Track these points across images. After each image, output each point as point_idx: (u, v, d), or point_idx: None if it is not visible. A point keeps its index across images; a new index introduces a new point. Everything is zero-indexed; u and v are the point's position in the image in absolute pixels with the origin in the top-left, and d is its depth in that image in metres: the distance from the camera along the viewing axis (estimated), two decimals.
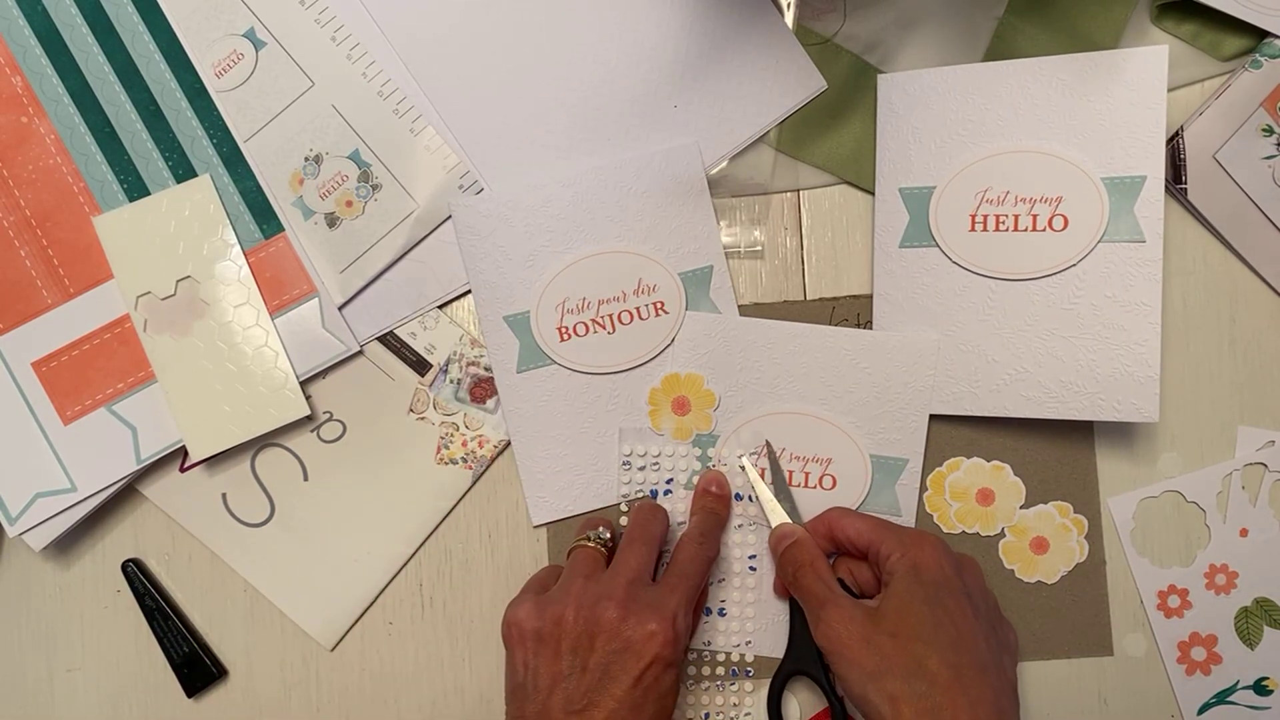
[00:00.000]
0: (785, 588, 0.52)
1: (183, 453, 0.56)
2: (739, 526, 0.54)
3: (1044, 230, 0.52)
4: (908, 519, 0.54)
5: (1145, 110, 0.51)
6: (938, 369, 0.54)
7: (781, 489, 0.53)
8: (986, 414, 0.53)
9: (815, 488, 0.54)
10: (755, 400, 0.54)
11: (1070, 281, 0.52)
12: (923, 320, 0.54)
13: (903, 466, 0.54)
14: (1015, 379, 0.52)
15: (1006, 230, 0.52)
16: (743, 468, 0.54)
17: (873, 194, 0.56)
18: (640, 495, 0.55)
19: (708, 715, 0.55)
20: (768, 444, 0.54)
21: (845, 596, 0.47)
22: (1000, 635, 0.48)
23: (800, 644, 0.51)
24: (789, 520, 0.52)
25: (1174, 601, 0.54)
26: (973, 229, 0.53)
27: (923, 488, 0.55)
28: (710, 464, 0.55)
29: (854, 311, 0.56)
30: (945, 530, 0.55)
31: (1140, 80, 0.51)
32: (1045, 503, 0.55)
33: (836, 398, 0.54)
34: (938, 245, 0.53)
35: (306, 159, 0.56)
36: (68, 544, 0.57)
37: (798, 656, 0.51)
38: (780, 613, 0.54)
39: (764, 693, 0.54)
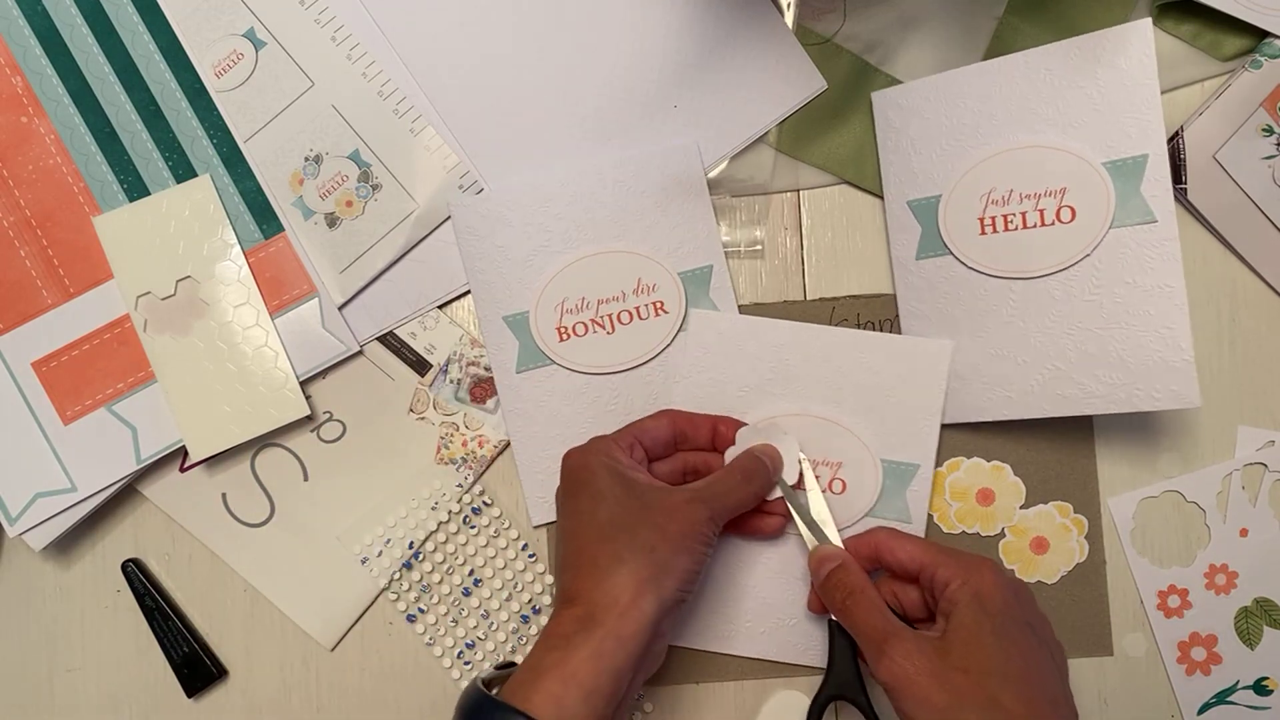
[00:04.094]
0: (822, 606, 0.50)
1: (183, 453, 0.56)
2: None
3: (1052, 224, 0.51)
4: (918, 526, 0.54)
5: (1136, 88, 0.49)
6: (973, 377, 0.53)
7: (799, 508, 0.52)
8: (1025, 416, 0.52)
9: (825, 492, 0.53)
10: (765, 401, 0.54)
11: (1087, 272, 0.51)
12: (950, 329, 0.53)
13: (914, 472, 0.54)
14: (1049, 378, 0.51)
15: (1015, 229, 0.52)
16: (800, 461, 0.52)
17: (873, 194, 0.56)
18: None
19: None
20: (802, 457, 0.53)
21: (906, 628, 0.45)
22: (1058, 661, 0.47)
23: (842, 668, 0.49)
24: (831, 539, 0.50)
25: (1174, 601, 0.54)
26: (983, 232, 0.52)
27: None
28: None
29: (854, 311, 0.56)
30: (945, 530, 0.55)
31: (1127, 59, 0.49)
32: (1045, 503, 0.55)
33: (848, 400, 0.54)
34: (952, 253, 0.53)
35: (306, 159, 0.56)
36: (68, 544, 0.57)
37: (840, 681, 0.49)
38: (794, 619, 0.54)
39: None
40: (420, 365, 0.57)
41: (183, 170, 0.55)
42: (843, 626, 0.48)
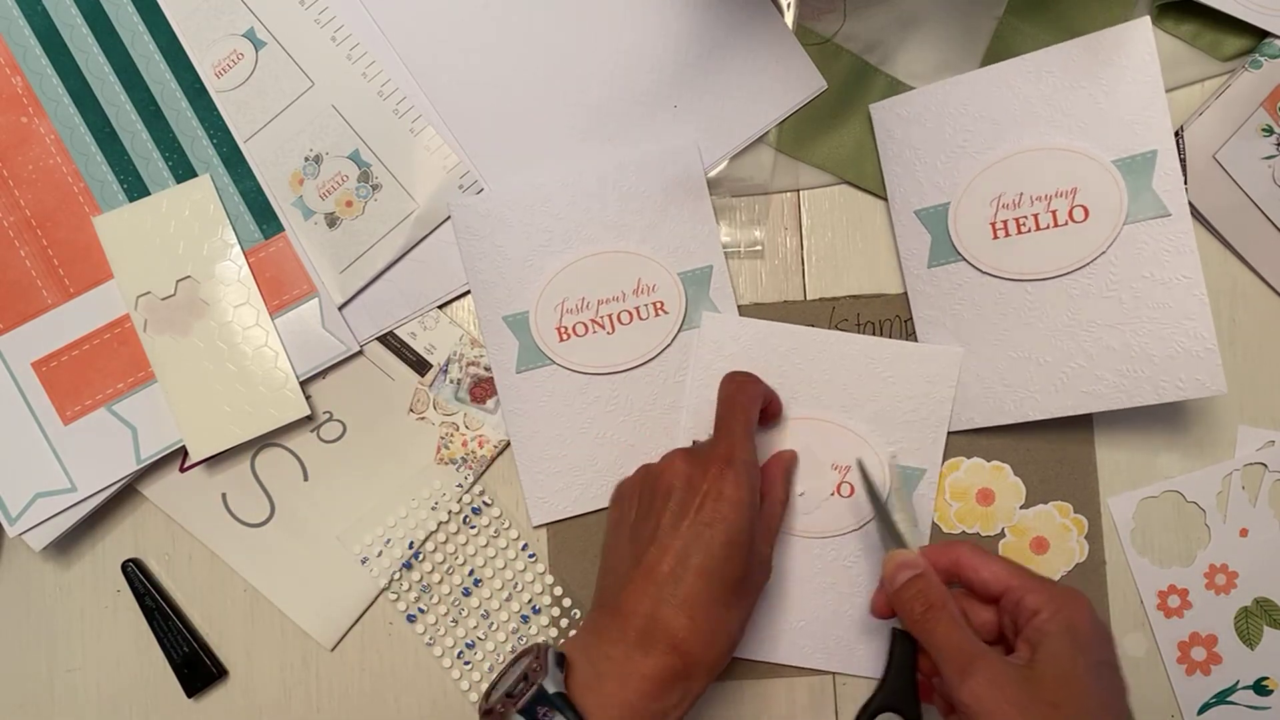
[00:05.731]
0: (887, 611, 0.48)
1: (183, 453, 0.56)
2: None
3: (1065, 224, 0.51)
4: (924, 529, 0.54)
5: (1139, 85, 0.50)
6: (995, 380, 0.53)
7: (879, 509, 0.51)
8: (1051, 416, 0.52)
9: (834, 495, 0.54)
10: None
11: (1104, 270, 0.51)
12: (968, 335, 0.53)
13: (920, 476, 0.54)
14: (1072, 376, 0.51)
15: (1029, 231, 0.52)
16: (862, 470, 0.52)
17: (873, 194, 0.56)
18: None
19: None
20: (860, 463, 0.53)
21: (993, 651, 0.43)
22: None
23: (897, 679, 0.47)
24: (909, 545, 0.49)
25: (1174, 601, 0.54)
26: (995, 236, 0.52)
27: None
28: None
29: (854, 312, 0.56)
30: (945, 530, 0.55)
31: (1127, 57, 0.50)
32: (1045, 503, 0.55)
33: (858, 405, 0.54)
34: (964, 259, 0.53)
35: (306, 159, 0.56)
36: (68, 544, 0.57)
37: (894, 691, 0.47)
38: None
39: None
40: (420, 365, 0.57)
41: (183, 170, 0.55)
42: (909, 636, 0.47)
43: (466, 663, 0.56)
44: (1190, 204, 0.54)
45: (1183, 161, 0.53)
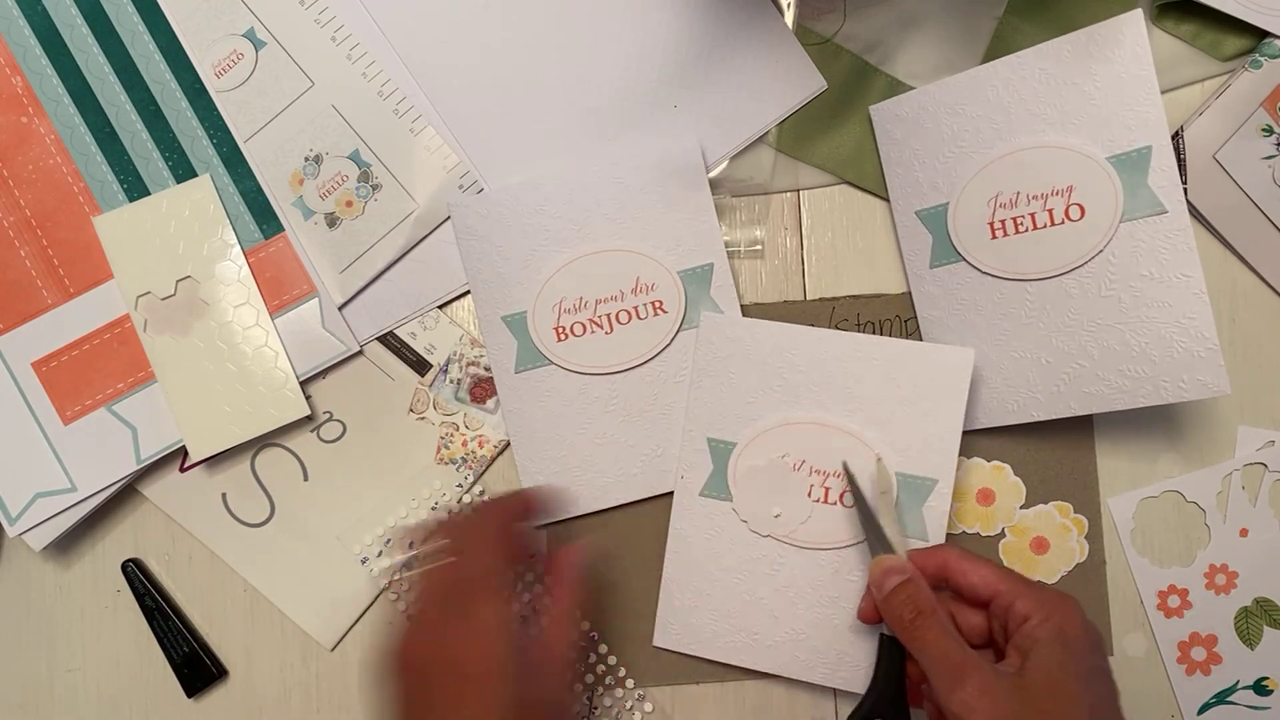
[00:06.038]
0: (875, 616, 0.47)
1: (183, 453, 0.56)
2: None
3: (1062, 223, 0.51)
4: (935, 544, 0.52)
5: (1133, 79, 0.49)
6: (998, 381, 0.52)
7: (865, 512, 0.50)
8: (1053, 417, 0.51)
9: (835, 504, 0.52)
10: (774, 409, 0.53)
11: (1102, 268, 0.50)
12: (970, 335, 0.53)
13: (931, 488, 0.51)
14: (1074, 377, 0.51)
15: (1026, 231, 0.51)
16: (847, 473, 0.51)
17: (873, 194, 0.56)
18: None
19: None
20: (845, 466, 0.51)
21: (983, 660, 0.42)
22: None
23: (886, 686, 0.46)
24: (896, 550, 0.48)
25: (1174, 601, 0.54)
26: (993, 236, 0.52)
27: None
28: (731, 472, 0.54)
29: (854, 312, 0.56)
30: (945, 531, 0.55)
31: (1120, 52, 0.49)
32: (1045, 503, 0.55)
33: (862, 409, 0.52)
34: (965, 259, 0.53)
35: (306, 159, 0.56)
36: (68, 544, 0.57)
37: (881, 698, 0.46)
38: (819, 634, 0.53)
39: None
40: (420, 365, 0.57)
41: (183, 170, 0.56)
42: (897, 642, 0.46)
43: None
44: (1190, 204, 0.54)
45: (1183, 162, 0.53)
